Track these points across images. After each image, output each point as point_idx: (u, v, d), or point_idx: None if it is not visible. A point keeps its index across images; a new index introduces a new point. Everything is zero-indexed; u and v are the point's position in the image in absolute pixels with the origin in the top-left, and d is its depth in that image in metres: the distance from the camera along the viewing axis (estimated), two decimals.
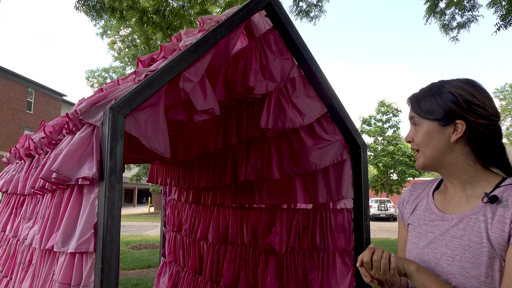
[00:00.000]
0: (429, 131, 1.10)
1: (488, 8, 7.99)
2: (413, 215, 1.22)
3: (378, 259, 1.03)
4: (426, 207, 1.19)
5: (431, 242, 1.10)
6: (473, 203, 1.06)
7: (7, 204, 3.12)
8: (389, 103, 30.54)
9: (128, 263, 7.89)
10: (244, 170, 2.70)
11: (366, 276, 1.06)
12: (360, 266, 1.06)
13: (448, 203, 1.13)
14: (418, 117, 1.13)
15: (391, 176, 31.43)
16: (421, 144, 1.12)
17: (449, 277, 1.01)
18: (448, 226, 1.08)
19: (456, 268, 1.00)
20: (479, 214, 1.01)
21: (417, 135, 1.14)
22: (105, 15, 7.80)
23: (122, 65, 24.25)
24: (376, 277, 1.05)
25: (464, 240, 1.02)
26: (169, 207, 4.14)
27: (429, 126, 1.10)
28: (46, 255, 1.76)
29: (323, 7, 9.11)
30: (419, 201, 1.23)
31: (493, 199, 1.00)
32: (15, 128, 24.93)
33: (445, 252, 1.05)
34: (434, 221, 1.13)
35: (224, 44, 1.92)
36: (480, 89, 1.07)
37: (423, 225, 1.16)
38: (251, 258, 2.96)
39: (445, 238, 1.06)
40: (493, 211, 0.99)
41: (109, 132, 1.43)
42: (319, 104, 2.33)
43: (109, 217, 1.40)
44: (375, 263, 1.03)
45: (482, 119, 1.04)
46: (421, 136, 1.12)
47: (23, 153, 2.58)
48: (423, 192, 1.25)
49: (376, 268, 1.03)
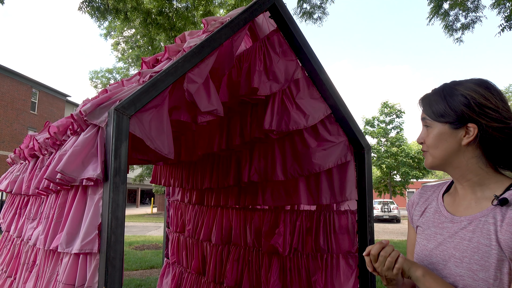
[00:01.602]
0: (441, 134, 1.09)
1: (492, 9, 7.96)
2: (423, 217, 1.22)
3: (385, 255, 1.03)
4: (436, 210, 1.18)
5: (440, 244, 1.10)
6: (483, 206, 1.04)
7: (11, 205, 3.13)
8: (392, 104, 30.47)
9: (131, 264, 7.90)
10: (247, 171, 2.70)
11: (369, 266, 1.08)
12: (366, 255, 1.08)
13: (457, 206, 1.12)
14: (430, 119, 1.12)
15: (395, 178, 31.33)
16: (432, 146, 1.12)
17: (457, 279, 1.01)
18: (457, 228, 1.07)
19: (464, 270, 1.00)
20: (489, 217, 1.00)
21: (428, 137, 1.13)
22: (109, 16, 7.83)
23: (126, 65, 24.33)
24: (379, 270, 1.06)
25: (473, 242, 1.01)
26: (173, 208, 4.15)
27: (441, 128, 1.09)
28: (50, 256, 1.76)
29: (326, 9, 9.11)
30: (429, 203, 1.23)
31: (503, 201, 0.98)
32: (19, 128, 25.05)
33: (453, 254, 1.04)
34: (443, 223, 1.12)
35: (228, 45, 1.92)
36: (494, 91, 1.05)
37: (432, 227, 1.15)
38: (254, 259, 2.96)
39: (454, 240, 1.06)
40: (503, 213, 0.98)
41: (114, 133, 1.43)
42: (323, 106, 2.33)
43: (114, 218, 1.40)
44: (381, 258, 1.04)
45: (495, 122, 1.02)
46: (433, 139, 1.11)
47: (27, 154, 2.59)
48: (433, 195, 1.24)
49: (380, 263, 1.04)
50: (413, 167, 29.25)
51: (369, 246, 1.08)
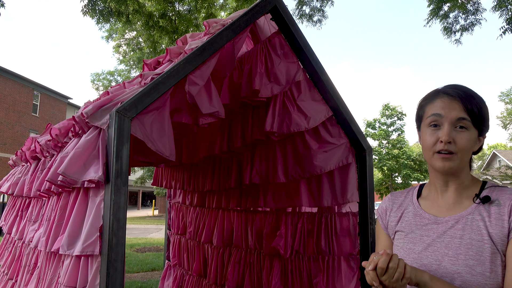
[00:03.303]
0: (473, 140, 1.10)
1: (493, 11, 7.95)
2: (401, 222, 1.23)
3: (394, 266, 0.97)
4: (415, 213, 1.21)
5: (429, 245, 1.12)
6: (465, 205, 1.11)
7: (12, 207, 3.14)
8: (394, 106, 30.47)
9: (132, 266, 7.89)
10: (249, 173, 2.69)
11: (374, 280, 0.99)
12: (372, 270, 0.99)
13: (438, 207, 1.17)
14: (470, 121, 1.07)
15: (396, 180, 31.27)
16: (464, 150, 1.08)
17: (455, 276, 1.03)
18: (444, 228, 1.11)
19: (462, 267, 1.03)
20: (475, 214, 1.07)
21: (462, 139, 1.07)
22: (111, 19, 7.85)
23: (127, 68, 24.39)
24: (386, 283, 0.98)
25: (465, 239, 1.06)
26: (174, 210, 4.14)
27: (475, 134, 1.10)
28: (51, 258, 1.76)
29: (326, 12, 9.14)
30: (405, 208, 1.25)
31: (485, 199, 1.07)
32: (20, 130, 25.09)
33: (446, 253, 1.07)
34: (427, 225, 1.15)
35: (229, 47, 1.93)
36: None
37: (416, 230, 1.17)
38: (255, 261, 2.95)
39: (444, 240, 1.09)
40: (488, 210, 1.06)
41: (115, 135, 1.43)
42: (324, 108, 2.33)
43: (115, 220, 1.40)
44: (390, 270, 0.97)
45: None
46: (468, 143, 1.08)
47: (29, 156, 2.59)
48: (405, 200, 1.27)
49: (389, 275, 0.97)
50: (414, 169, 29.18)
51: (371, 260, 1.00)
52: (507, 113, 39.70)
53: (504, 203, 1.04)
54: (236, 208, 3.21)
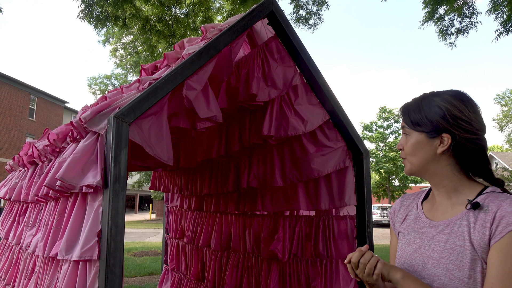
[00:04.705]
0: (418, 142, 1.17)
1: (489, 14, 8.02)
2: (404, 223, 1.29)
3: (364, 262, 1.09)
4: (416, 216, 1.26)
5: (419, 247, 1.17)
6: (457, 210, 1.13)
7: (10, 212, 3.13)
8: (390, 109, 30.60)
9: (130, 270, 7.86)
10: (246, 177, 2.70)
11: (351, 273, 1.13)
12: (348, 263, 1.13)
13: (435, 211, 1.20)
14: (408, 128, 1.19)
15: (393, 182, 31.36)
16: (409, 153, 1.19)
17: (434, 279, 1.07)
18: (435, 232, 1.14)
19: (441, 270, 1.07)
20: (463, 220, 1.09)
21: (406, 144, 1.20)
22: (108, 23, 7.85)
23: (124, 72, 24.41)
24: (360, 277, 1.11)
25: (449, 244, 1.08)
26: (172, 214, 4.14)
27: (418, 137, 1.17)
28: (49, 263, 1.76)
29: (322, 16, 9.19)
30: (410, 210, 1.30)
31: (475, 205, 1.07)
32: (17, 135, 25.00)
33: (431, 256, 1.11)
34: (422, 228, 1.20)
35: (226, 52, 1.94)
36: (468, 104, 1.13)
37: (412, 232, 1.23)
38: (253, 265, 2.95)
39: (432, 243, 1.13)
40: (476, 216, 1.06)
41: (113, 140, 1.44)
42: (321, 111, 2.34)
43: (113, 225, 1.40)
44: (361, 266, 1.09)
45: (467, 134, 1.10)
46: (410, 146, 1.19)
47: (26, 161, 2.59)
48: (412, 202, 1.32)
49: (361, 270, 1.09)
50: None
51: (349, 253, 1.13)
52: (503, 115, 39.92)
53: (491, 210, 1.04)
54: (234, 212, 3.21)
